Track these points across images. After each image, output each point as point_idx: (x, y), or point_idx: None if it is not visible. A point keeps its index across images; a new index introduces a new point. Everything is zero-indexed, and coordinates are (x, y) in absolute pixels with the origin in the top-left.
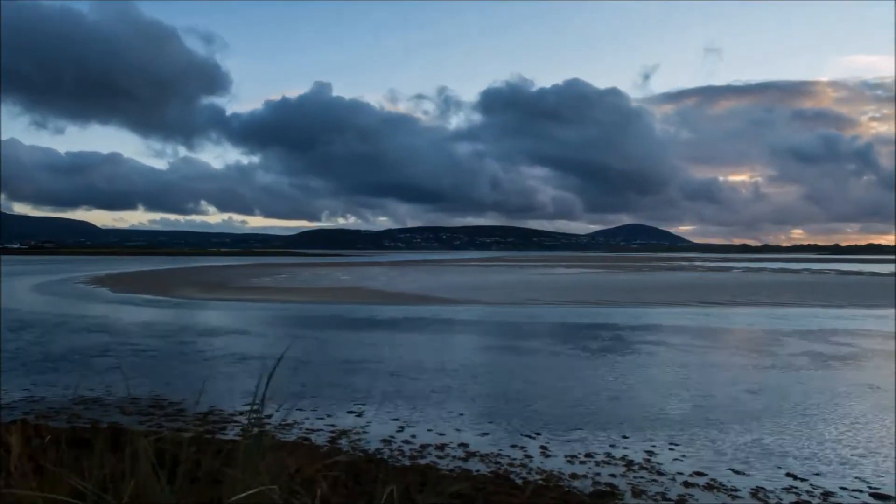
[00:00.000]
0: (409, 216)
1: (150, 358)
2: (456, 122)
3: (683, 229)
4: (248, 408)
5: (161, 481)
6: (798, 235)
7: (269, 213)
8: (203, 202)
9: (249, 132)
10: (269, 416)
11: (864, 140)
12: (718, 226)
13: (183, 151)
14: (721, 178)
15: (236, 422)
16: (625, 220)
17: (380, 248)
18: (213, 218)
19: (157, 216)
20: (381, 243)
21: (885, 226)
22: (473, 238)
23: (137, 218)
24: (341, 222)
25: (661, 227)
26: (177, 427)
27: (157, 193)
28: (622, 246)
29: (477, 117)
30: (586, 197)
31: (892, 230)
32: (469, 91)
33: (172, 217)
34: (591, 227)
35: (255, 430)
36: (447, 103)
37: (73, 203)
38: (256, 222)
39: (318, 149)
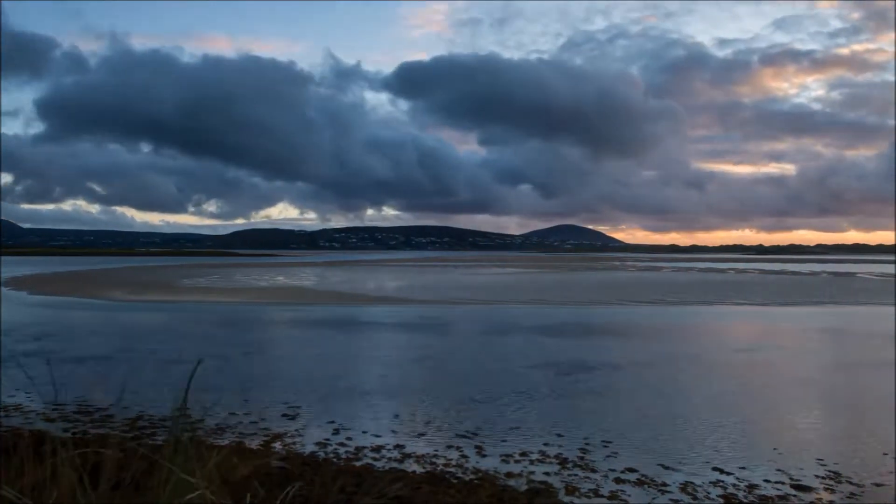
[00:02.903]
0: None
1: (77, 362)
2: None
3: (621, 227)
4: (177, 412)
5: (84, 488)
6: (729, 234)
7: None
8: None
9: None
10: (201, 421)
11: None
12: (654, 221)
13: None
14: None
15: (166, 427)
16: (559, 219)
17: (315, 249)
18: None
19: None
20: (316, 243)
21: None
22: (409, 238)
23: None
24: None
25: (593, 228)
26: (103, 433)
27: None
28: (556, 246)
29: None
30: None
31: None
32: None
33: None
34: (527, 222)
35: (184, 434)
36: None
37: None
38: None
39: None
